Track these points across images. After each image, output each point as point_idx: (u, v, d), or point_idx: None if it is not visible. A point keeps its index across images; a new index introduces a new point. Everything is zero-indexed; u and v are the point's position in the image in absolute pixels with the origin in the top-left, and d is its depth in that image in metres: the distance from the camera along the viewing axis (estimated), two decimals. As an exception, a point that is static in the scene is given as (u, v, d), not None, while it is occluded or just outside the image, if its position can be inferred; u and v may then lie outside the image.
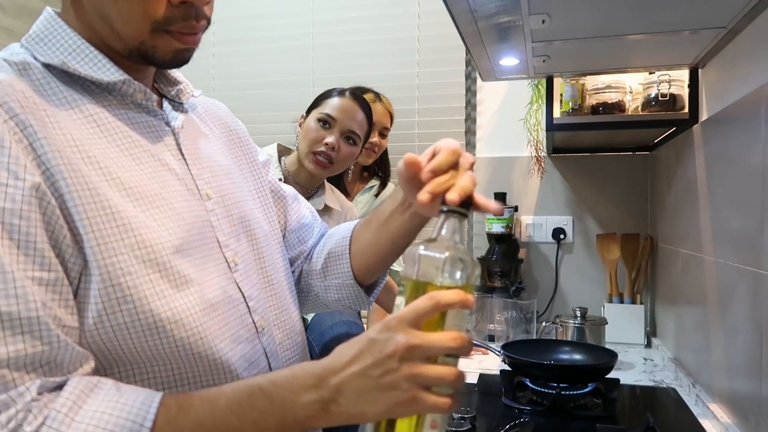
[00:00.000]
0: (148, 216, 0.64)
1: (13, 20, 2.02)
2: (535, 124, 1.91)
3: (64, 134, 0.61)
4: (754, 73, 1.01)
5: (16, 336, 0.53)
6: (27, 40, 0.67)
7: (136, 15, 0.64)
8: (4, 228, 0.55)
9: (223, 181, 0.78)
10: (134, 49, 0.67)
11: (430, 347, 0.53)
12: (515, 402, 1.25)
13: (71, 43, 0.66)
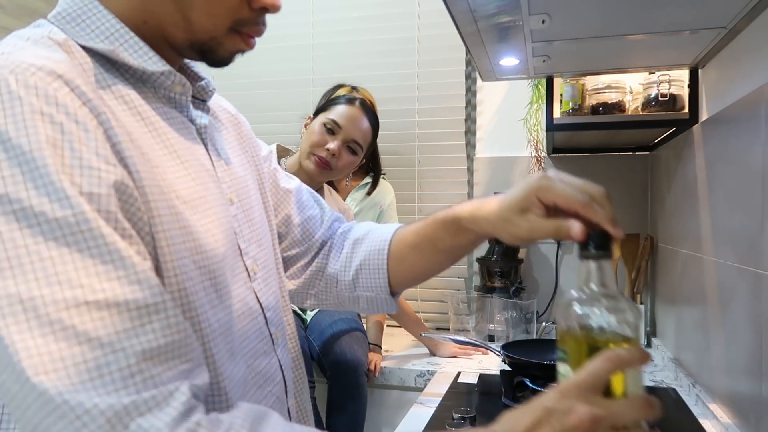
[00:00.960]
0: (197, 220, 0.60)
1: (13, 20, 2.02)
2: (535, 124, 1.91)
3: (120, 126, 0.55)
4: (754, 73, 1.01)
5: (145, 326, 0.47)
6: (57, 18, 0.60)
7: (221, 10, 0.61)
8: (110, 216, 0.49)
9: (241, 184, 0.74)
10: (200, 43, 0.63)
11: (618, 417, 0.47)
12: (515, 402, 1.25)
13: (109, 27, 0.60)
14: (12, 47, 0.53)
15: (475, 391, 1.37)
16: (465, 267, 2.10)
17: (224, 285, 0.62)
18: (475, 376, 1.47)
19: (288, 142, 1.63)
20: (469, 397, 1.33)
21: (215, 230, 0.62)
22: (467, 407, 1.18)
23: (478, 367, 1.58)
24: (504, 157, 2.06)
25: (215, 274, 0.61)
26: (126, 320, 0.46)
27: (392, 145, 2.10)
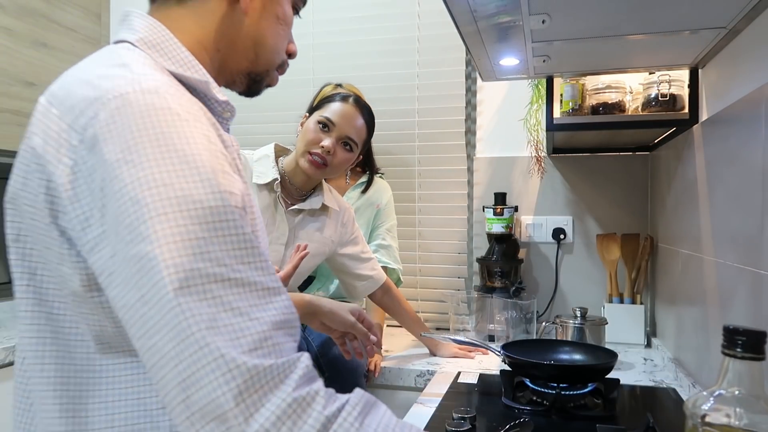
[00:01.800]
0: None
1: (13, 20, 2.02)
2: (535, 124, 1.91)
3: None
4: (754, 73, 1.02)
5: (268, 305, 0.56)
6: (141, 44, 0.68)
7: (281, 47, 0.78)
8: (241, 213, 0.58)
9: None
10: (256, 73, 0.78)
11: None
12: (515, 402, 1.25)
13: (183, 57, 0.69)
14: (138, 67, 0.62)
15: (475, 391, 1.37)
16: (465, 267, 2.10)
17: None
18: (475, 376, 1.47)
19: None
20: (469, 397, 1.33)
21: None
22: (467, 407, 1.18)
23: (478, 367, 1.58)
24: (504, 157, 2.06)
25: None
26: (256, 297, 0.55)
27: (392, 145, 2.10)
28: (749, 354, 0.54)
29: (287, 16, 0.78)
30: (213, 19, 0.72)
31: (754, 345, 0.54)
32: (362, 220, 1.86)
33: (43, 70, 2.14)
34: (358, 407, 0.55)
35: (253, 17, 0.74)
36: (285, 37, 0.79)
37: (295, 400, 0.52)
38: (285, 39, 0.79)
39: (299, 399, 0.53)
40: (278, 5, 0.76)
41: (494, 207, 1.93)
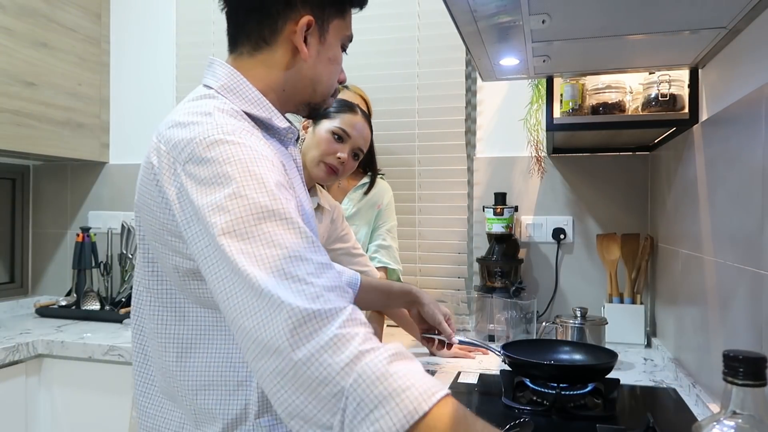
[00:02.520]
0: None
1: (13, 20, 2.02)
2: (535, 124, 1.91)
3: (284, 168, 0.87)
4: (754, 73, 1.02)
5: (321, 276, 0.70)
6: (222, 90, 0.89)
7: (334, 81, 0.98)
8: (296, 214, 0.75)
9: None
10: (315, 104, 0.97)
11: None
12: (515, 402, 1.25)
13: (254, 96, 0.90)
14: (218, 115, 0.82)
15: (475, 391, 1.37)
16: (465, 267, 2.10)
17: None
18: (475, 376, 1.47)
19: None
20: (469, 397, 1.33)
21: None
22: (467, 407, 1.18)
23: (478, 367, 1.58)
24: (504, 157, 2.06)
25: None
26: (313, 268, 0.70)
27: (392, 145, 2.10)
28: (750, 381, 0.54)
29: (338, 57, 0.96)
30: (278, 66, 0.91)
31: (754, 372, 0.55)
32: (363, 220, 1.86)
33: (43, 70, 2.14)
34: (390, 351, 0.66)
35: (310, 63, 0.92)
36: (337, 73, 0.97)
37: (336, 336, 0.65)
38: (337, 74, 0.97)
39: (341, 335, 0.65)
40: (330, 49, 0.94)
41: (494, 207, 1.93)
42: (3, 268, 2.45)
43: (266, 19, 0.90)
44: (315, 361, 0.63)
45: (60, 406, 1.88)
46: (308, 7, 0.90)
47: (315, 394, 0.63)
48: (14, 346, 1.79)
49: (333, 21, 0.93)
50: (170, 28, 2.42)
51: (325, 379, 0.63)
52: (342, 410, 0.62)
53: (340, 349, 0.64)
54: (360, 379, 0.63)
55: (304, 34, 0.90)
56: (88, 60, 2.36)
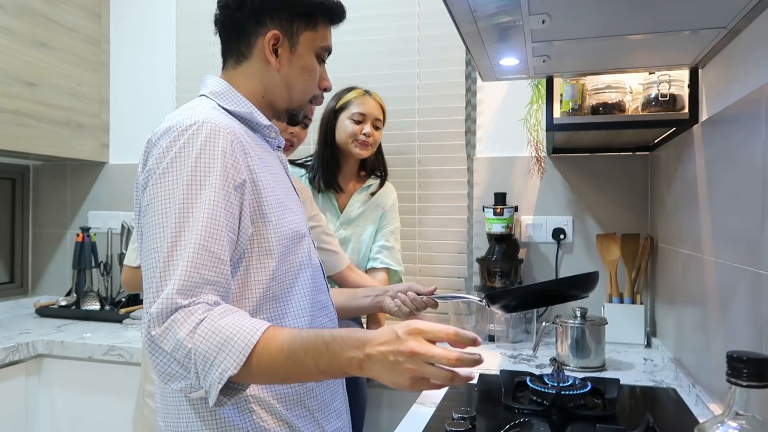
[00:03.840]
0: (293, 205, 1.04)
1: (13, 20, 2.02)
2: (535, 124, 1.91)
3: (255, 152, 0.98)
4: (754, 73, 1.02)
5: (212, 269, 0.86)
6: (211, 94, 1.03)
7: (310, 88, 1.08)
8: (227, 198, 0.89)
9: (295, 193, 1.15)
10: (291, 110, 1.09)
11: (430, 357, 0.76)
12: (515, 402, 1.25)
13: (241, 101, 1.03)
14: (200, 108, 0.96)
15: (475, 391, 1.37)
16: (465, 267, 2.10)
17: (307, 244, 1.05)
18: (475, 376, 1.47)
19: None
20: (469, 397, 1.33)
21: (299, 212, 1.06)
22: (467, 407, 1.18)
23: (478, 367, 1.58)
24: (504, 157, 2.06)
25: (302, 236, 1.03)
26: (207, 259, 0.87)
27: (392, 145, 2.09)
28: (754, 382, 0.55)
29: (310, 65, 1.06)
30: (256, 76, 1.05)
31: (758, 373, 0.55)
32: (368, 221, 1.86)
33: (43, 70, 2.14)
34: (221, 310, 0.84)
35: (283, 71, 1.04)
36: (311, 80, 1.07)
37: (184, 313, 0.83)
38: (312, 82, 1.07)
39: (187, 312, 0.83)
40: (302, 59, 1.05)
41: (494, 207, 1.93)
42: (3, 268, 2.45)
43: (242, 36, 1.04)
44: (167, 334, 0.82)
45: (60, 406, 1.88)
46: (276, 22, 1.03)
47: (172, 358, 0.82)
48: (14, 346, 1.79)
49: (303, 33, 1.05)
50: (170, 29, 2.42)
51: (177, 346, 0.81)
52: (194, 364, 0.80)
53: (186, 321, 0.82)
54: (200, 338, 0.81)
55: (272, 47, 1.02)
56: (88, 60, 2.36)
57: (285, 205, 1.01)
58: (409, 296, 1.32)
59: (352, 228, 1.85)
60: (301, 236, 1.03)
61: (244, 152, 0.94)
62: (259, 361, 0.81)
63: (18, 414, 1.83)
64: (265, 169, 0.99)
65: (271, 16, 1.03)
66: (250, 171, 0.94)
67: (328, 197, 1.85)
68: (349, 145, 1.81)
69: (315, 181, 1.83)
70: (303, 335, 0.83)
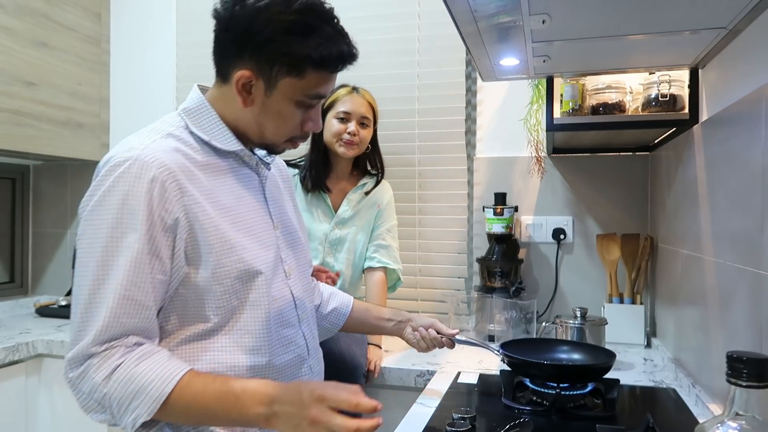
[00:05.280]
0: (246, 240, 0.98)
1: (13, 20, 2.02)
2: (535, 124, 1.91)
3: (202, 185, 0.95)
4: (754, 73, 1.02)
5: (134, 316, 0.88)
6: (184, 111, 1.01)
7: (283, 134, 1.01)
8: (152, 242, 0.88)
9: (285, 215, 1.12)
10: (267, 145, 1.04)
11: (330, 426, 0.82)
12: (515, 402, 1.25)
13: (213, 121, 1.00)
14: (147, 137, 0.95)
15: (475, 391, 1.37)
16: (465, 267, 2.10)
17: (264, 280, 0.99)
18: (475, 376, 1.47)
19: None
20: (469, 397, 1.33)
21: (257, 248, 1.00)
22: (467, 407, 1.18)
23: (478, 367, 1.58)
24: (504, 157, 2.06)
25: (254, 274, 0.98)
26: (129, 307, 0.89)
27: (392, 145, 2.09)
28: (754, 382, 0.55)
29: (286, 112, 0.98)
30: (231, 103, 0.99)
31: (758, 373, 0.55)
32: (364, 220, 1.86)
33: (43, 70, 2.14)
34: (137, 355, 0.87)
35: (253, 111, 0.98)
36: (287, 125, 1.00)
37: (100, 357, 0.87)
38: (287, 127, 1.00)
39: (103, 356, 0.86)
40: (276, 104, 0.97)
41: (494, 207, 1.93)
42: (3, 267, 2.45)
43: (223, 60, 0.98)
44: (84, 378, 0.86)
45: (60, 406, 1.88)
46: (254, 61, 0.94)
47: (90, 397, 0.87)
48: (14, 345, 1.79)
49: (283, 79, 0.94)
50: (170, 29, 2.42)
51: (93, 389, 0.86)
52: (110, 407, 0.86)
53: (102, 366, 0.86)
54: (115, 384, 0.85)
55: (241, 86, 0.95)
56: (88, 60, 2.36)
57: (232, 244, 0.95)
58: (429, 333, 1.34)
59: (347, 228, 1.84)
60: (253, 274, 0.98)
61: (179, 190, 0.90)
62: (173, 408, 0.85)
63: (18, 414, 1.83)
64: (212, 204, 0.95)
65: (251, 52, 0.94)
66: (185, 210, 0.91)
67: (322, 197, 1.84)
68: (334, 145, 1.78)
69: (305, 182, 1.82)
70: (216, 386, 0.87)
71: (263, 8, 0.91)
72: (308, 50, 0.92)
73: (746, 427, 0.55)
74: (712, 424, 0.57)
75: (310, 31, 0.92)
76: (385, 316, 1.37)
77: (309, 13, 0.93)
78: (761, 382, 0.55)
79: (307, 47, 0.92)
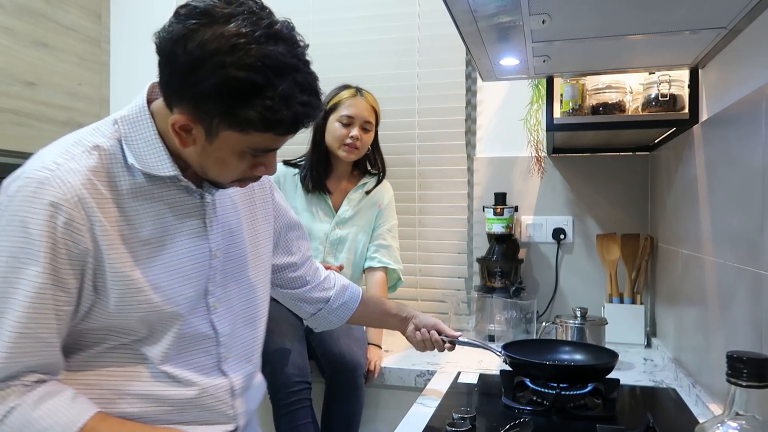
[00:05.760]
0: (163, 278, 0.89)
1: (13, 20, 2.02)
2: (535, 124, 1.91)
3: (117, 215, 0.85)
4: (754, 73, 1.02)
5: (35, 354, 0.81)
6: (122, 120, 0.89)
7: (228, 178, 0.90)
8: (55, 272, 0.80)
9: (232, 240, 1.00)
10: (209, 181, 0.93)
11: None
12: (515, 402, 1.25)
13: (149, 136, 0.88)
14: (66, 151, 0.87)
15: (475, 391, 1.37)
16: (465, 267, 2.10)
17: (175, 318, 0.91)
18: (475, 376, 1.47)
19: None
20: (469, 397, 1.33)
21: (176, 285, 0.91)
22: (467, 407, 1.18)
23: (478, 367, 1.58)
24: (504, 157, 2.06)
25: (163, 315, 0.90)
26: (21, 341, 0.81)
27: (392, 145, 2.09)
28: (754, 382, 0.55)
29: (228, 160, 0.86)
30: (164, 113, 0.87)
31: (758, 373, 0.55)
32: (364, 220, 1.86)
33: (43, 70, 2.14)
34: (36, 397, 0.80)
35: (195, 150, 0.86)
36: (232, 172, 0.89)
37: None
38: (233, 173, 0.89)
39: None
40: (218, 152, 0.85)
41: (494, 207, 1.93)
42: (3, 268, 2.45)
43: (165, 89, 0.85)
44: None
45: (60, 406, 1.88)
46: (191, 108, 0.81)
47: None
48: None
49: (225, 132, 0.82)
50: (170, 28, 2.42)
51: None
52: None
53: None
54: (9, 430, 0.79)
55: (179, 127, 0.83)
56: (88, 60, 2.36)
57: (139, 285, 0.87)
58: (432, 336, 1.35)
59: (348, 228, 1.84)
60: (162, 315, 0.90)
61: (88, 219, 0.82)
62: None
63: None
64: (127, 237, 0.86)
65: (189, 99, 0.81)
66: (93, 240, 0.83)
67: (323, 197, 1.84)
68: (336, 149, 1.78)
69: (304, 181, 1.82)
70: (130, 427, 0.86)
71: (208, 56, 0.77)
72: (250, 114, 0.79)
73: (746, 427, 0.55)
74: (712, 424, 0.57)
75: (257, 91, 0.78)
76: (391, 312, 1.36)
77: (260, 71, 0.77)
78: (761, 382, 0.55)
79: (250, 111, 0.79)
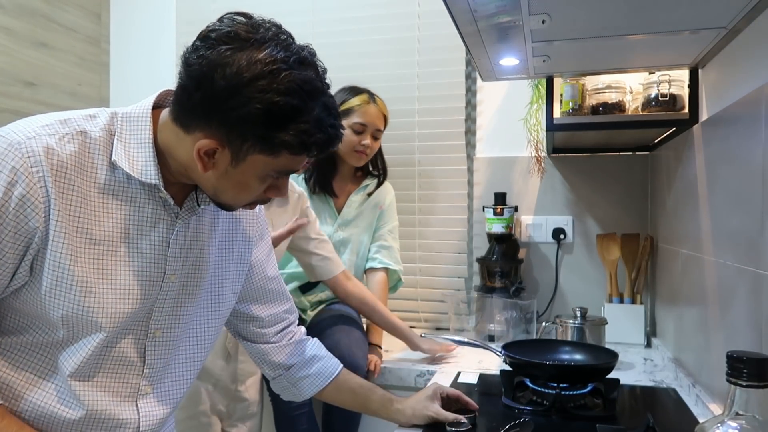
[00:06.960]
0: (102, 283, 0.84)
1: (13, 20, 2.02)
2: (535, 124, 1.91)
3: (79, 205, 0.81)
4: (754, 73, 1.02)
5: None
6: (122, 116, 0.86)
7: (242, 201, 0.89)
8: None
9: (195, 268, 0.95)
10: (218, 204, 0.91)
11: None
12: (515, 402, 1.25)
13: (143, 139, 0.85)
14: (46, 132, 0.80)
15: (475, 391, 1.37)
16: (465, 267, 2.10)
17: (99, 332, 0.85)
18: (475, 376, 1.47)
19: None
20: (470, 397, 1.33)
21: (117, 295, 0.85)
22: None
23: (478, 367, 1.58)
24: (504, 157, 2.06)
25: (87, 322, 0.84)
26: None
27: (392, 145, 2.09)
28: (754, 382, 0.55)
29: (249, 185, 0.85)
30: (186, 150, 0.83)
31: (758, 373, 0.55)
32: (366, 221, 1.86)
33: (43, 70, 2.14)
34: None
35: (214, 175, 0.84)
36: (249, 196, 0.87)
37: None
38: (249, 197, 0.88)
39: None
40: (241, 175, 0.83)
41: (494, 207, 1.93)
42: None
43: (186, 112, 0.82)
44: None
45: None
46: (223, 131, 0.80)
47: None
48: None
49: (253, 155, 0.81)
50: (170, 28, 2.42)
51: None
52: None
53: None
54: None
55: (204, 153, 0.81)
56: (88, 60, 2.36)
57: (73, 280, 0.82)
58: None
59: (350, 229, 1.84)
60: (86, 322, 0.84)
61: (46, 198, 0.78)
62: None
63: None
64: (81, 229, 0.82)
65: (221, 122, 0.79)
66: (46, 223, 0.79)
67: (325, 199, 1.84)
68: (346, 155, 1.78)
69: (310, 182, 1.82)
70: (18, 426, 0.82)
71: (246, 83, 0.76)
72: (288, 137, 0.79)
73: (746, 426, 0.56)
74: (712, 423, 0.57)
75: (295, 114, 0.79)
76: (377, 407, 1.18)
77: (296, 94, 0.78)
78: (761, 382, 0.55)
79: (287, 134, 0.79)
